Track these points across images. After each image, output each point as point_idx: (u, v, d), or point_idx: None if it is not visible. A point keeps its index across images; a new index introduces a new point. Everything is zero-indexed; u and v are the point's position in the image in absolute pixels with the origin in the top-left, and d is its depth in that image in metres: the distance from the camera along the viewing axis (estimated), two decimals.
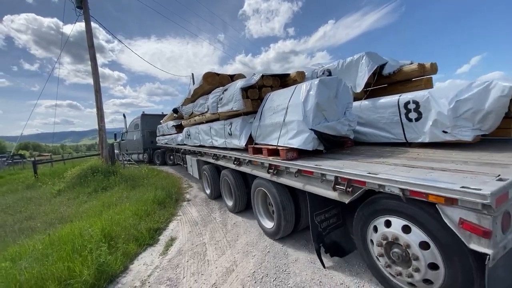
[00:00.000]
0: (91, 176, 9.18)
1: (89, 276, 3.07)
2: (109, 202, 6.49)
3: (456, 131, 2.74)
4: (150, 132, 13.15)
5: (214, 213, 5.41)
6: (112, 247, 3.81)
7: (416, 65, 3.78)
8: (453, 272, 1.75)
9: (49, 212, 6.57)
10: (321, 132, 3.05)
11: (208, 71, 5.45)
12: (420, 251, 1.88)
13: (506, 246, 1.53)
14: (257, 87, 4.20)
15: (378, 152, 3.07)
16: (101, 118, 10.85)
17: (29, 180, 11.60)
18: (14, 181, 12.19)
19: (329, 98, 3.15)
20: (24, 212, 6.86)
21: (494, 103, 2.45)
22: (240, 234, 4.13)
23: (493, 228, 1.45)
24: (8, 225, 5.84)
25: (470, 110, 2.60)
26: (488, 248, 1.46)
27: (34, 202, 7.79)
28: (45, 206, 7.28)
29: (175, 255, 3.74)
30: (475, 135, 2.65)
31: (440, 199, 1.61)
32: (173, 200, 6.61)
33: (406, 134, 3.25)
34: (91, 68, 10.84)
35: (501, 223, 1.51)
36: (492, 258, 1.45)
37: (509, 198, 1.52)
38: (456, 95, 2.68)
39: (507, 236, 1.56)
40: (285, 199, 3.35)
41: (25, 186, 10.77)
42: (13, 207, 7.37)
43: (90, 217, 5.31)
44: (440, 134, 2.86)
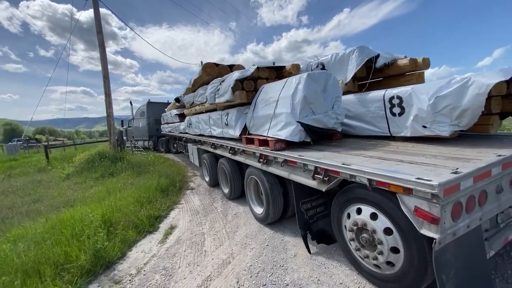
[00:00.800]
0: (98, 161, 9.30)
1: (86, 262, 3.06)
2: (114, 188, 6.54)
3: (434, 126, 2.80)
4: (155, 120, 13.21)
5: (216, 203, 5.35)
6: (111, 233, 3.80)
7: (408, 60, 3.85)
8: (411, 255, 1.92)
9: (56, 195, 6.69)
10: (307, 124, 3.19)
11: (207, 62, 5.51)
12: (384, 236, 2.06)
13: (456, 233, 1.69)
14: (253, 78, 4.31)
15: (362, 145, 3.20)
16: (109, 104, 10.88)
17: (40, 163, 11.91)
18: (27, 164, 12.54)
19: (316, 92, 3.26)
20: (33, 194, 7.01)
21: (471, 100, 2.47)
22: (240, 226, 4.04)
23: (441, 215, 1.60)
24: (16, 207, 5.98)
25: (448, 107, 2.64)
26: (436, 233, 1.62)
27: (43, 185, 7.97)
28: (53, 189, 7.42)
29: (173, 244, 3.70)
30: (452, 130, 2.70)
31: (399, 188, 1.77)
32: (177, 188, 6.59)
33: (390, 128, 3.33)
34: (100, 54, 10.79)
35: (451, 211, 1.66)
36: (438, 242, 1.61)
37: (461, 189, 1.66)
38: (436, 91, 2.73)
39: (458, 224, 1.72)
40: (274, 187, 3.54)
41: (37, 170, 11.06)
42: (22, 190, 7.56)
43: (94, 202, 5.35)
44: (420, 129, 2.94)
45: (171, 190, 6.30)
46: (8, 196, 6.99)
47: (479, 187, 1.84)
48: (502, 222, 2.25)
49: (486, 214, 1.92)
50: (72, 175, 8.87)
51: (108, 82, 10.90)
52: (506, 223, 2.28)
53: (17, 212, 5.52)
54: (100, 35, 10.78)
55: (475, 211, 1.85)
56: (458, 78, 2.60)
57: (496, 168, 1.92)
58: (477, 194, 1.84)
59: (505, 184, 2.07)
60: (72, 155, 12.38)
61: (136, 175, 8.04)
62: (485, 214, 1.92)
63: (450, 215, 1.67)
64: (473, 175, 1.73)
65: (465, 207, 1.77)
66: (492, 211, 1.97)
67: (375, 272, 2.28)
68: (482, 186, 1.86)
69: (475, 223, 1.83)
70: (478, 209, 1.88)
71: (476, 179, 1.76)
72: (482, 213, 1.89)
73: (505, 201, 2.08)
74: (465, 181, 1.69)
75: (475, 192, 1.83)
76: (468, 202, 1.78)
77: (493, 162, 1.89)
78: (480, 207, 1.88)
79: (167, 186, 6.34)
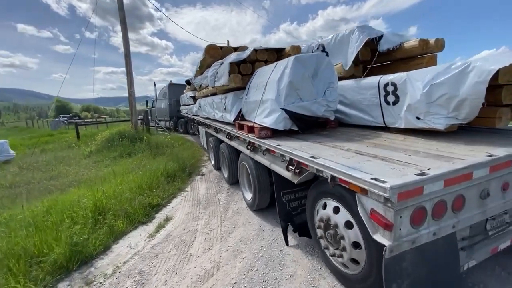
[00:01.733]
0: (118, 141, 9.36)
1: (61, 255, 2.78)
2: (125, 169, 6.41)
3: (428, 118, 2.47)
4: (176, 101, 13.22)
5: (221, 193, 4.88)
6: (99, 222, 3.52)
7: (417, 42, 3.35)
8: (371, 252, 1.79)
9: (72, 173, 6.77)
10: (293, 112, 2.99)
11: (211, 44, 5.28)
12: (345, 230, 1.95)
13: (415, 241, 1.51)
14: (251, 61, 4.11)
15: (350, 135, 2.98)
16: (131, 84, 10.81)
17: (72, 140, 12.53)
18: (61, 140, 13.32)
19: (303, 76, 3.02)
20: (53, 171, 7.22)
21: (469, 89, 2.11)
22: (238, 225, 3.51)
23: (395, 221, 1.44)
24: (33, 183, 6.13)
25: (444, 96, 2.29)
26: (388, 240, 1.46)
27: (65, 162, 8.21)
28: (73, 166, 7.59)
29: (161, 240, 3.31)
30: (449, 123, 2.36)
31: (357, 188, 1.61)
32: (186, 174, 6.24)
33: (384, 118, 3.02)
34: (121, 31, 10.61)
35: (410, 217, 1.49)
36: (389, 250, 1.44)
37: (425, 194, 1.48)
38: (432, 78, 2.36)
39: (420, 231, 1.53)
40: (261, 175, 3.43)
41: (67, 145, 11.64)
42: (45, 165, 7.85)
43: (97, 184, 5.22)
44: (414, 120, 2.61)
45: (179, 175, 5.96)
46: (30, 171, 7.28)
47: (454, 191, 1.61)
48: (492, 230, 2.00)
49: (463, 221, 1.69)
50: (93, 153, 9.06)
51: (129, 61, 10.76)
52: (498, 231, 2.02)
53: (30, 188, 5.62)
54: (122, 11, 10.52)
55: (446, 218, 1.62)
56: (458, 63, 2.20)
57: (480, 170, 1.67)
58: (450, 199, 1.61)
59: (495, 189, 1.79)
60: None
61: (152, 157, 7.89)
62: (462, 222, 1.68)
63: (409, 221, 1.50)
64: (443, 178, 1.53)
65: (432, 213, 1.56)
66: (471, 218, 1.73)
67: (345, 272, 2.14)
68: (458, 190, 1.62)
69: (446, 231, 1.63)
70: (451, 215, 1.65)
71: (448, 183, 1.55)
72: (456, 220, 1.66)
73: (492, 208, 1.80)
74: (431, 184, 1.49)
75: (448, 197, 1.60)
76: (436, 207, 1.57)
77: (475, 164, 1.65)
78: (454, 213, 1.65)
79: (175, 171, 6.01)
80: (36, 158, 8.95)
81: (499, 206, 1.84)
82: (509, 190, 1.86)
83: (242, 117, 4.05)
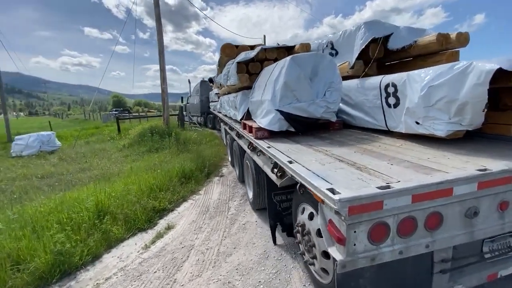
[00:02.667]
0: (148, 136, 9.54)
1: (43, 264, 2.57)
2: (148, 165, 6.35)
3: (428, 123, 2.19)
4: (207, 97, 13.49)
5: (233, 200, 4.41)
6: (95, 226, 3.30)
7: (434, 36, 2.95)
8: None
9: (101, 167, 6.97)
10: (289, 113, 2.93)
11: (226, 43, 5.22)
12: (317, 238, 1.88)
13: (375, 258, 1.37)
14: (259, 60, 4.01)
15: (348, 139, 2.82)
16: (163, 80, 10.98)
17: (113, 133, 13.33)
18: (105, 132, 14.30)
19: (299, 77, 2.91)
20: (86, 163, 7.56)
21: (469, 92, 1.84)
22: (240, 246, 2.97)
23: (348, 236, 1.32)
24: (64, 174, 6.41)
25: (444, 99, 2.02)
26: (340, 254, 1.36)
27: (99, 155, 8.61)
28: (103, 160, 7.87)
29: (152, 255, 2.95)
30: (451, 130, 2.05)
31: (318, 197, 1.48)
32: (204, 174, 5.92)
33: (387, 121, 2.79)
34: (156, 29, 10.78)
35: (367, 233, 1.34)
36: (341, 265, 1.33)
37: (385, 209, 1.33)
38: (432, 79, 2.09)
39: (381, 249, 1.38)
40: (260, 176, 3.35)
41: (109, 138, 12.38)
42: (82, 157, 8.30)
43: (116, 181, 5.17)
44: (413, 125, 2.35)
45: (196, 176, 5.65)
46: (66, 163, 7.74)
47: (427, 208, 1.41)
48: (490, 253, 1.74)
49: (440, 241, 1.47)
50: (125, 147, 9.38)
51: (163, 57, 10.91)
52: (498, 255, 1.74)
53: (58, 180, 5.85)
54: (157, 8, 10.66)
55: (416, 237, 1.43)
56: (461, 63, 1.93)
57: (464, 186, 1.44)
58: (421, 216, 1.42)
59: (487, 208, 1.53)
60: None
61: (177, 153, 7.80)
62: (439, 242, 1.47)
63: (366, 237, 1.34)
64: (411, 193, 1.35)
65: (397, 230, 1.39)
66: (452, 239, 1.50)
67: (319, 281, 2.06)
68: (433, 207, 1.42)
69: (417, 250, 1.44)
70: (425, 234, 1.44)
71: (418, 199, 1.37)
72: (431, 240, 1.45)
73: (484, 230, 1.55)
74: (394, 199, 1.33)
75: (419, 214, 1.41)
76: (402, 224, 1.39)
77: (456, 179, 1.42)
78: (428, 232, 1.45)
79: (192, 171, 5.71)
80: (76, 150, 9.61)
81: (495, 228, 1.60)
82: (508, 210, 1.59)
83: (248, 116, 3.85)
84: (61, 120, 48.52)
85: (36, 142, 9.24)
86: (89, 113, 46.93)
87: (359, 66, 3.41)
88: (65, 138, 12.99)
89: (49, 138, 9.63)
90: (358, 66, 3.41)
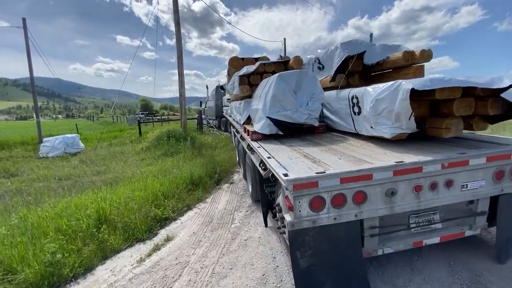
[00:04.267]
0: (165, 140, 9.62)
1: (32, 275, 2.48)
2: (160, 170, 6.30)
3: (378, 128, 2.74)
4: (221, 102, 13.88)
5: (239, 211, 4.15)
6: (93, 236, 3.20)
7: (401, 54, 3.47)
8: None
9: (116, 170, 7.07)
10: (277, 119, 3.50)
11: (234, 56, 5.95)
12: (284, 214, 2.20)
13: (316, 221, 1.96)
14: (259, 73, 4.59)
15: (324, 140, 3.34)
16: (182, 84, 11.07)
17: (133, 136, 13.72)
18: (127, 135, 14.78)
19: (284, 90, 3.50)
20: (102, 166, 7.72)
21: (399, 104, 2.38)
22: (237, 266, 2.69)
23: (295, 204, 1.91)
24: (80, 177, 6.57)
25: (386, 109, 2.56)
26: (290, 217, 1.97)
27: (116, 158, 8.79)
28: (120, 163, 8.00)
29: (144, 271, 2.77)
30: (394, 133, 2.57)
31: (279, 180, 2.03)
32: (213, 180, 5.74)
33: (355, 125, 3.30)
34: (175, 34, 10.93)
35: (309, 203, 1.93)
36: (290, 225, 1.93)
37: (320, 187, 1.90)
38: (378, 94, 2.62)
39: (319, 215, 1.96)
40: (255, 172, 3.54)
41: (130, 141, 12.73)
42: (100, 160, 8.51)
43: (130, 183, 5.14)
44: (370, 129, 2.91)
45: (205, 182, 5.48)
46: (85, 165, 7.97)
47: (353, 187, 1.97)
48: (415, 225, 2.27)
49: (366, 212, 2.03)
50: (143, 151, 9.52)
51: (181, 63, 11.02)
52: (422, 227, 2.29)
53: (75, 182, 5.97)
54: (176, 14, 10.81)
55: (346, 208, 2.00)
56: (396, 83, 2.45)
57: (381, 173, 1.98)
58: (349, 193, 1.98)
59: (404, 190, 2.08)
60: None
61: (190, 158, 7.73)
62: (366, 213, 2.03)
63: (308, 206, 1.93)
64: (339, 177, 1.92)
65: (331, 202, 1.96)
66: (376, 211, 2.05)
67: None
68: (358, 187, 1.98)
69: (348, 218, 2.00)
70: (353, 206, 2.01)
71: (345, 181, 1.93)
72: (359, 211, 2.02)
73: (402, 206, 2.09)
74: (326, 180, 1.91)
75: (347, 192, 1.97)
76: (335, 198, 1.97)
77: (374, 167, 1.99)
78: (355, 205, 2.01)
79: (201, 177, 5.54)
80: (97, 152, 9.93)
81: (412, 205, 2.12)
82: (422, 192, 2.11)
83: (249, 121, 4.49)
84: (92, 122, 51.68)
85: (61, 144, 9.71)
86: (116, 116, 49.47)
87: (340, 79, 3.93)
88: (90, 140, 13.59)
89: (73, 140, 10.07)
90: (339, 79, 3.95)
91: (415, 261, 2.57)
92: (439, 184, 2.11)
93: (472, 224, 2.37)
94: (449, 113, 2.42)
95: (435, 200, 2.13)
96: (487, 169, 2.19)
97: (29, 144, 12.77)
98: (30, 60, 13.18)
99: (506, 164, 2.23)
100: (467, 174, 2.16)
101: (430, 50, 3.39)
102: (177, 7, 10.83)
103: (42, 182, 6.29)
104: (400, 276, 2.38)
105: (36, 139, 12.74)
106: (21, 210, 3.81)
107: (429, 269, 2.45)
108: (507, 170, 2.25)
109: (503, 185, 2.27)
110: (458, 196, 2.18)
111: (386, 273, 2.43)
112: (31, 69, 12.74)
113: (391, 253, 2.26)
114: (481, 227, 2.38)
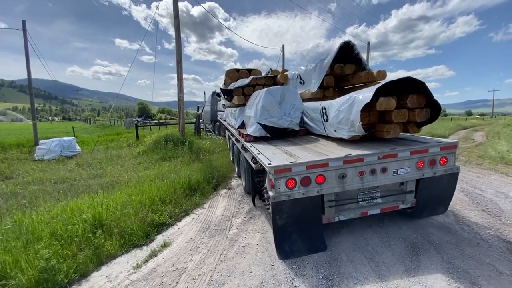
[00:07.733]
0: (162, 144, 9.57)
1: (25, 282, 2.43)
2: (157, 174, 6.26)
3: (339, 131, 3.60)
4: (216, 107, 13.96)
5: (237, 217, 4.13)
6: (89, 241, 3.16)
7: (364, 73, 4.59)
8: None
9: (112, 175, 7.00)
10: (266, 124, 4.41)
11: (230, 68, 6.90)
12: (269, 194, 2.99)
13: (290, 196, 2.75)
14: (251, 85, 5.55)
15: (302, 141, 4.19)
16: (180, 89, 11.06)
17: (130, 140, 13.63)
18: (124, 139, 14.67)
19: (271, 102, 4.41)
20: (99, 170, 7.64)
21: (354, 114, 3.16)
22: (234, 274, 2.67)
23: (275, 184, 2.70)
24: (76, 180, 6.49)
25: (345, 117, 3.36)
26: (272, 193, 2.76)
27: (114, 161, 8.71)
28: (117, 167, 7.93)
29: (141, 277, 2.73)
30: (350, 135, 3.40)
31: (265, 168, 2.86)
32: (211, 185, 5.71)
33: (325, 130, 4.14)
34: (175, 38, 10.99)
35: (285, 183, 2.72)
36: (272, 198, 2.73)
37: (292, 171, 2.70)
38: (339, 105, 3.48)
39: (293, 191, 2.76)
40: (248, 168, 4.23)
41: (127, 144, 12.64)
42: (97, 163, 8.43)
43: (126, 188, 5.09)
44: (334, 133, 3.79)
45: (202, 187, 5.45)
46: (81, 168, 7.88)
47: (315, 172, 2.77)
48: (361, 200, 3.15)
49: (325, 189, 2.85)
50: (140, 154, 9.45)
51: (180, 67, 11.04)
52: (367, 201, 3.17)
53: (70, 186, 5.90)
54: (177, 19, 10.87)
55: (311, 187, 2.80)
56: (352, 96, 3.33)
57: (335, 162, 2.80)
58: (313, 176, 2.78)
59: (352, 174, 2.89)
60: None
61: (188, 163, 7.69)
62: (324, 190, 2.85)
63: (284, 185, 2.72)
64: (306, 165, 2.73)
65: (300, 182, 2.76)
66: (332, 188, 2.87)
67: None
68: (319, 171, 2.78)
69: (312, 193, 2.81)
70: (315, 185, 2.81)
71: (309, 167, 2.74)
72: (320, 188, 2.83)
73: (350, 185, 2.91)
74: (297, 167, 2.71)
75: (311, 175, 2.77)
76: (303, 180, 2.76)
77: (330, 158, 2.80)
78: (317, 184, 2.81)
79: (199, 182, 5.52)
80: (94, 156, 9.84)
81: (358, 185, 2.95)
82: (365, 175, 2.93)
83: (243, 125, 5.39)
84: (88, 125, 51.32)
85: (57, 147, 9.60)
86: (113, 119, 49.22)
87: (317, 92, 4.92)
88: (87, 143, 13.47)
89: (69, 143, 9.98)
90: (316, 92, 4.92)
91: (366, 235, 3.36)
92: (377, 170, 2.91)
93: (404, 199, 3.23)
94: (390, 120, 3.23)
95: (374, 181, 2.95)
96: (411, 160, 2.99)
97: (25, 146, 12.62)
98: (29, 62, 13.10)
99: (425, 156, 3.03)
100: (397, 163, 2.96)
101: (385, 71, 4.46)
102: (177, 13, 10.91)
103: (38, 185, 6.20)
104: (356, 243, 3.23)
105: (32, 141, 12.60)
106: (15, 214, 3.73)
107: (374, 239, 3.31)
108: (426, 160, 3.04)
109: (424, 171, 3.08)
110: (391, 179, 2.99)
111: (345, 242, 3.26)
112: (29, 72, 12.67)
113: (347, 233, 3.33)
114: (411, 202, 3.23)
